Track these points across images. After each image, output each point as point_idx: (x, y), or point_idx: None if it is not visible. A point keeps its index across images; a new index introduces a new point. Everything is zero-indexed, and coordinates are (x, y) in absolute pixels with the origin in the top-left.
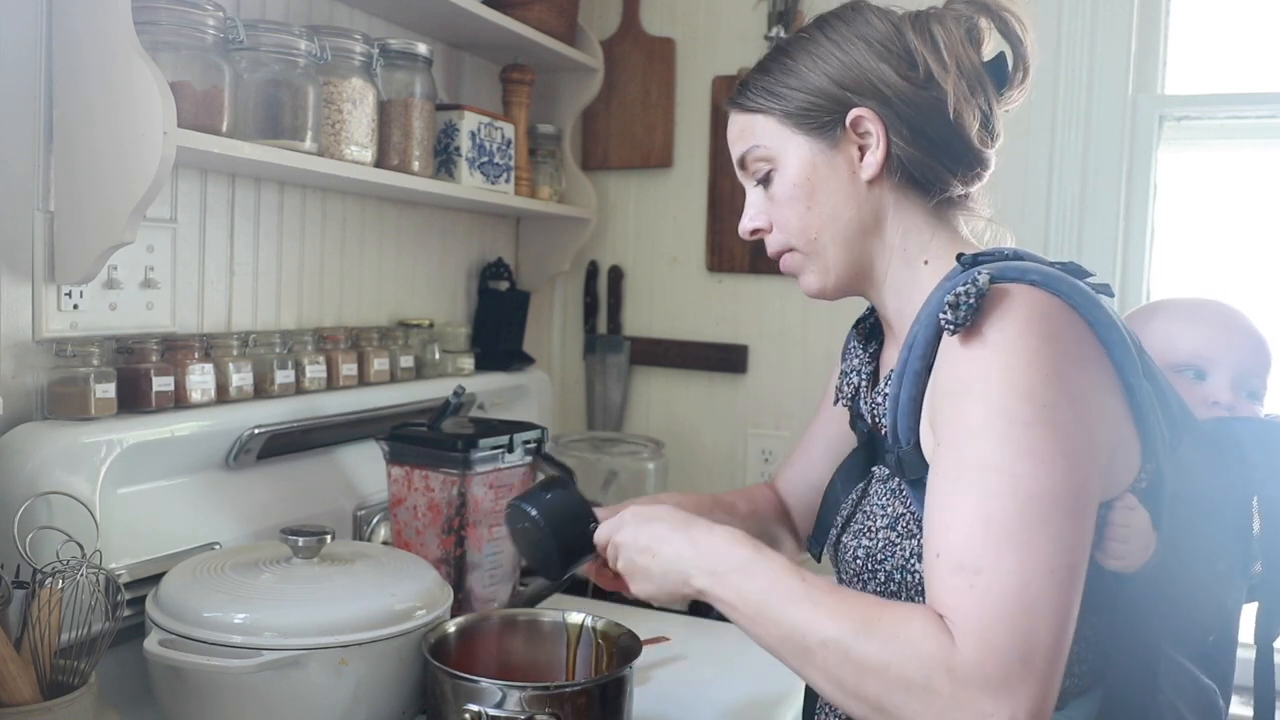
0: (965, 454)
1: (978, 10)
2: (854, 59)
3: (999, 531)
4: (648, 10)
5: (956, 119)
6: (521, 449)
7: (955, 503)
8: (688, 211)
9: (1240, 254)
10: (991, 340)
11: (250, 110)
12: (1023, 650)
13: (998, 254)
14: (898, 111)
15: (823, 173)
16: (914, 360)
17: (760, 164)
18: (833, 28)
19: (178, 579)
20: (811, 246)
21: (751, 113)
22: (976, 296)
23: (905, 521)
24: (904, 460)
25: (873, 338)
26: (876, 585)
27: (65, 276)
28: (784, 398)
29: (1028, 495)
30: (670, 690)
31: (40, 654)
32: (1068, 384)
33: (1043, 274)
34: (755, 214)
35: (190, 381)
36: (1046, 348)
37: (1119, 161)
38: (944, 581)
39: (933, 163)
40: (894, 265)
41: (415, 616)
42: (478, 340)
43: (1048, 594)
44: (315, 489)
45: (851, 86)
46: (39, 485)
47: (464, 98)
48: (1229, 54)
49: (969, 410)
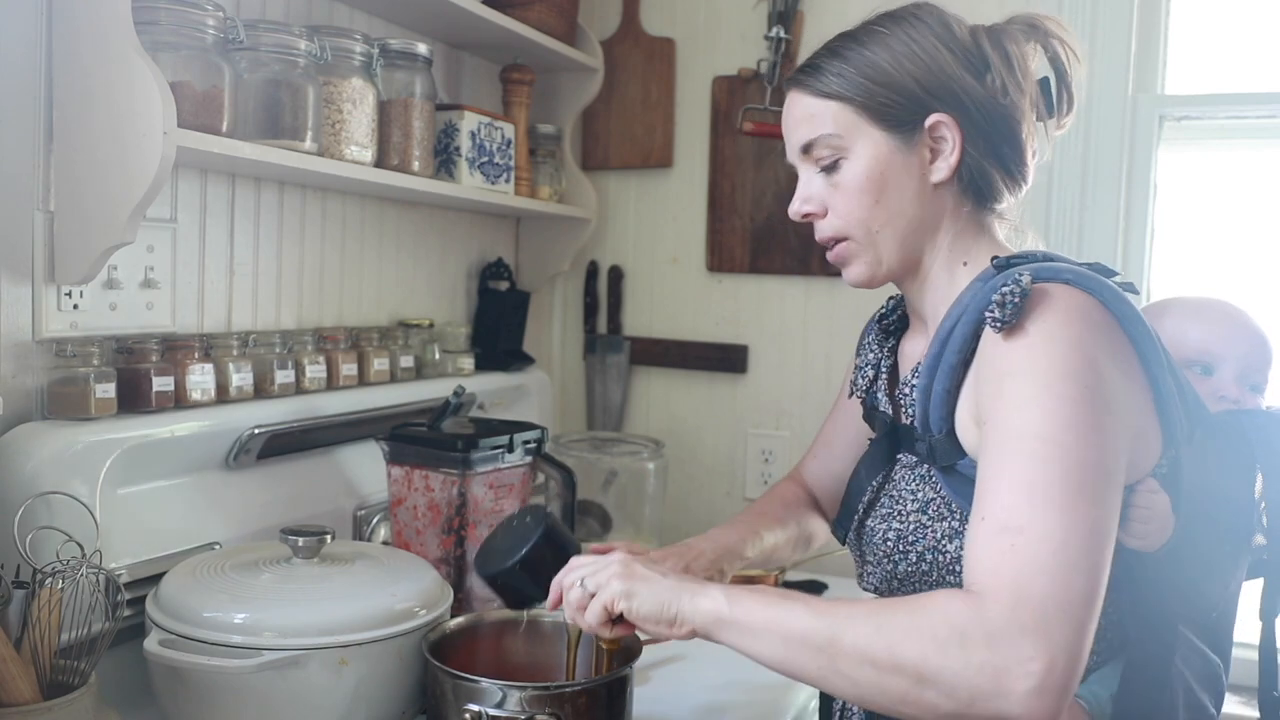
0: (1012, 425)
1: (1034, 34)
2: (939, 64)
3: (1043, 495)
4: (648, 10)
5: (1022, 136)
6: (521, 449)
7: (1003, 471)
8: (688, 211)
9: (1240, 254)
10: (1033, 331)
11: (250, 110)
12: (1060, 601)
13: (1030, 257)
14: (974, 121)
15: (895, 170)
16: (950, 355)
17: (829, 152)
18: (913, 26)
19: (178, 579)
20: (870, 239)
21: (825, 98)
22: (1021, 296)
23: (936, 505)
24: (936, 448)
25: (892, 334)
26: (908, 565)
27: (65, 276)
28: (784, 398)
29: (1071, 463)
30: (670, 690)
31: (40, 654)
32: (1102, 370)
33: (1075, 273)
34: (810, 197)
35: (190, 381)
36: (1083, 338)
37: (1119, 161)
38: (988, 542)
39: (994, 174)
40: (938, 264)
41: (415, 616)
42: (478, 340)
43: (1085, 553)
44: (315, 489)
45: (935, 91)
46: (39, 485)
47: (464, 98)
48: (1229, 54)
49: (1016, 388)
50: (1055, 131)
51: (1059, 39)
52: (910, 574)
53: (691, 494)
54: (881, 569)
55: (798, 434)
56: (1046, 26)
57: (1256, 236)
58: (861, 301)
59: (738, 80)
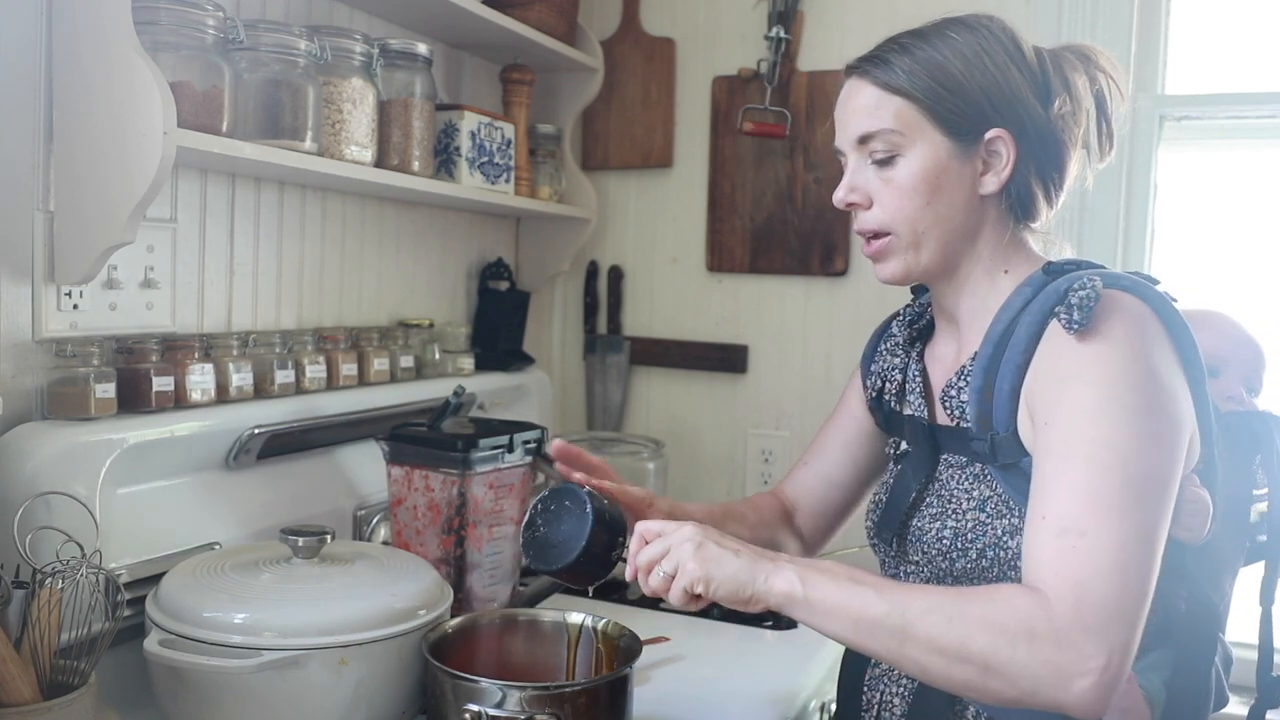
0: (1078, 431)
1: (1085, 65)
2: (1009, 80)
3: (1105, 501)
4: (648, 10)
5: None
6: (521, 449)
7: (1065, 473)
8: (688, 211)
9: (1240, 254)
10: (1104, 335)
11: (250, 110)
12: (1117, 602)
13: (1079, 264)
14: (1030, 141)
15: (949, 175)
16: (1014, 354)
17: (887, 146)
18: (985, 39)
19: (178, 579)
20: (914, 238)
21: (892, 92)
22: (1095, 299)
23: (994, 503)
24: (1000, 446)
25: (917, 339)
26: (967, 562)
27: (65, 276)
28: (784, 398)
29: (1132, 473)
30: (670, 690)
31: (40, 654)
32: (1162, 380)
33: (1134, 282)
34: (858, 186)
35: (190, 381)
36: (1147, 348)
37: (1119, 161)
38: (1049, 541)
39: (1038, 194)
40: (976, 271)
41: (415, 616)
42: (478, 340)
43: (1139, 557)
44: (315, 489)
45: (1000, 106)
46: (39, 485)
47: (464, 98)
48: (1229, 54)
49: (1081, 394)
50: (1099, 164)
51: (1107, 74)
52: (969, 570)
53: (691, 494)
54: (933, 566)
55: (797, 434)
56: (1098, 60)
57: (1256, 236)
58: (861, 302)
59: (738, 80)
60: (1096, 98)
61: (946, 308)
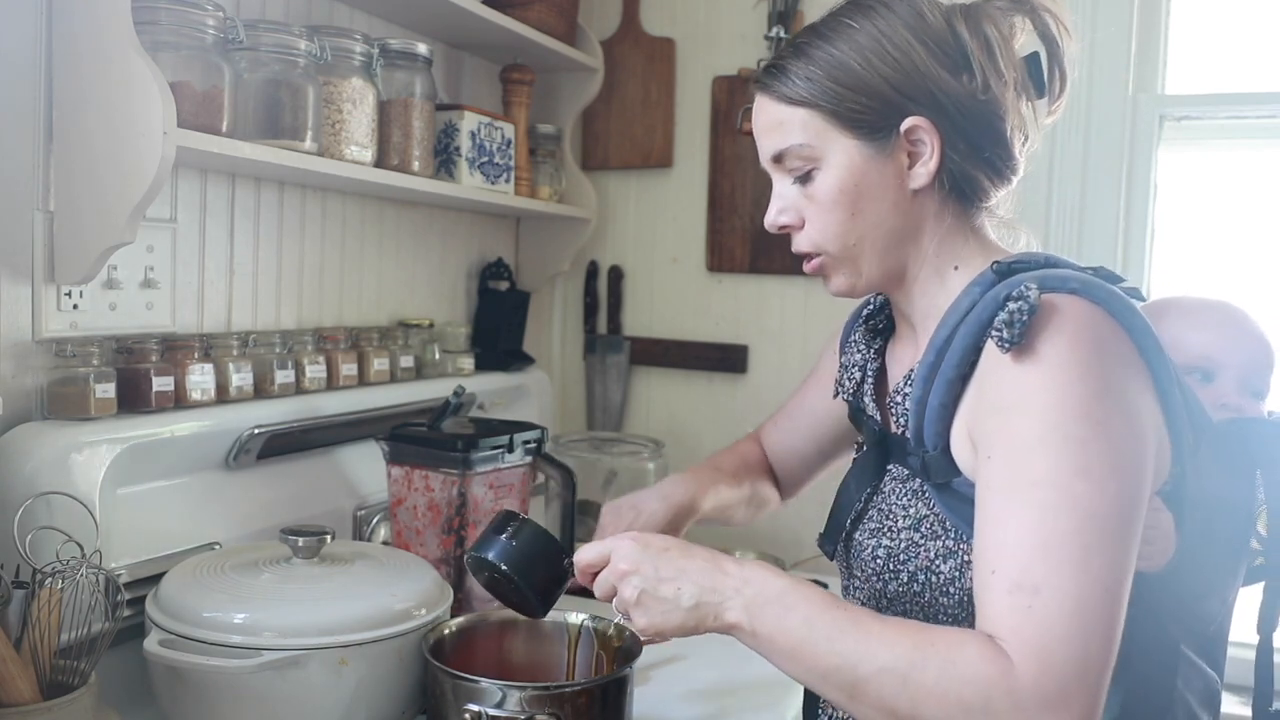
0: (1020, 470)
1: (1019, 7)
2: (913, 62)
3: (1057, 552)
4: (648, 10)
5: (1007, 130)
6: (521, 449)
7: (1011, 520)
8: (688, 211)
9: (1240, 254)
10: (1043, 355)
11: (250, 110)
12: (1079, 667)
13: (1032, 260)
14: (954, 122)
15: (870, 179)
16: (948, 369)
17: (801, 162)
18: (883, 18)
19: (178, 579)
20: (848, 253)
21: (792, 104)
22: (1029, 313)
23: (929, 523)
24: (930, 465)
25: (879, 334)
26: (899, 585)
27: (65, 276)
28: (784, 398)
29: (1085, 514)
30: (670, 690)
31: (40, 654)
32: (1118, 396)
33: (1082, 282)
34: (785, 208)
35: (190, 381)
36: (1096, 360)
37: (1119, 161)
38: (1000, 600)
39: (979, 174)
40: (925, 271)
41: (415, 616)
42: (478, 340)
43: (1102, 612)
44: (315, 489)
45: (909, 92)
46: (39, 485)
47: (464, 98)
48: (1229, 54)
49: (1023, 426)
50: (1047, 118)
51: (1048, 10)
52: (901, 594)
53: None
54: (870, 586)
55: None
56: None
57: (1256, 237)
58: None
59: (738, 80)
60: (1043, 38)
61: (903, 310)
